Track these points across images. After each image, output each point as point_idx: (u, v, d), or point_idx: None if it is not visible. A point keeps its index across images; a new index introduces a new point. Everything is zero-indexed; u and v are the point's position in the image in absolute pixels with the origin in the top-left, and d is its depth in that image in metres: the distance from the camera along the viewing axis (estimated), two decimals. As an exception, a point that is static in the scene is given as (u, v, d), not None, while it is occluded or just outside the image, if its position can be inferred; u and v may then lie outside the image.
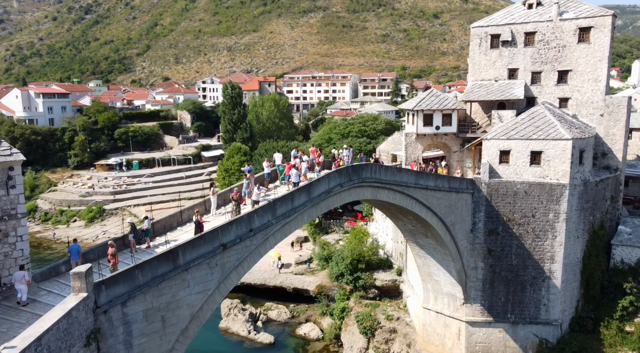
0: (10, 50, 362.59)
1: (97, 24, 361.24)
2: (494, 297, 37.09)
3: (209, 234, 20.12)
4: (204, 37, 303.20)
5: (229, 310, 51.32)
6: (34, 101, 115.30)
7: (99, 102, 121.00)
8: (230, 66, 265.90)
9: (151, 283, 18.27)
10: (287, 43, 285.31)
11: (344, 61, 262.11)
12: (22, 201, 18.09)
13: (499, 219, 36.04)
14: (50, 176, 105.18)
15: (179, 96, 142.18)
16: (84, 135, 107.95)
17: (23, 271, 17.53)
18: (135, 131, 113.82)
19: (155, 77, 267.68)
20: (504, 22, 42.39)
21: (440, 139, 43.27)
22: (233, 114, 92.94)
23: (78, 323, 15.55)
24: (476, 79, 44.00)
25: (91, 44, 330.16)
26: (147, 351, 18.51)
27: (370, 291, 47.52)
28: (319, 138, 66.19)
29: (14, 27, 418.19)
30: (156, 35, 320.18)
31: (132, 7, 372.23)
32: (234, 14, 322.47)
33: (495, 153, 36.67)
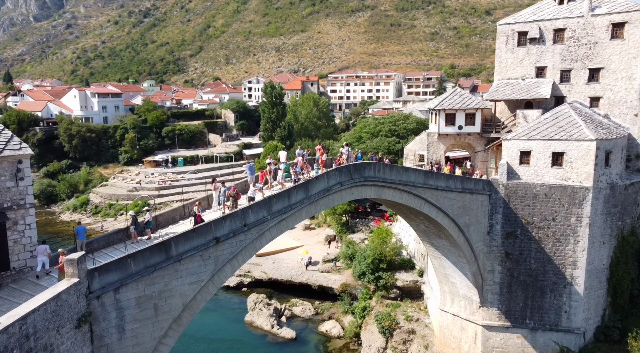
0: (76, 53, 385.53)
1: (155, 26, 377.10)
2: (512, 302, 36.14)
3: (201, 227, 21.13)
4: (253, 38, 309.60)
5: (255, 304, 52.64)
6: (90, 101, 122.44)
7: (149, 102, 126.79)
8: (278, 66, 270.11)
9: (143, 272, 19.45)
10: (334, 43, 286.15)
11: (391, 60, 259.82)
12: (30, 192, 19.72)
13: (517, 222, 35.08)
14: (102, 171, 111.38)
15: (224, 95, 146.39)
16: (134, 133, 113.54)
17: (45, 245, 19.93)
18: (182, 129, 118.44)
19: (207, 77, 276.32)
20: (532, 19, 41.11)
21: (463, 139, 42.54)
22: (272, 113, 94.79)
23: (68, 306, 16.90)
24: (502, 78, 42.91)
25: (148, 46, 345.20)
26: (139, 336, 19.73)
27: (391, 292, 47.41)
28: (349, 137, 66.48)
29: (81, 31, 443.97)
30: (208, 36, 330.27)
31: (187, 10, 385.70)
32: (283, 15, 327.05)
33: (515, 154, 35.72)
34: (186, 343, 46.75)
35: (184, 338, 47.65)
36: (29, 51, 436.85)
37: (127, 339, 19.37)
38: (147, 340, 19.93)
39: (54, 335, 16.12)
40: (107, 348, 18.88)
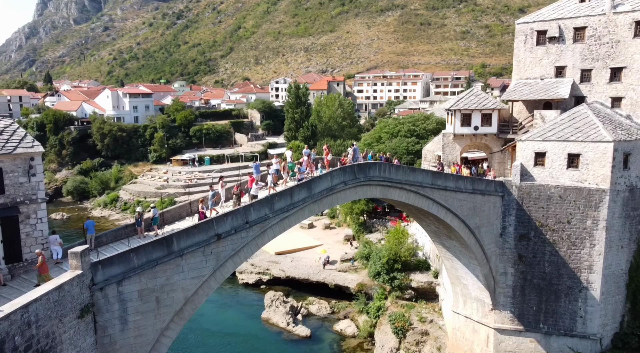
0: (112, 54, 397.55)
1: (187, 28, 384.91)
2: (525, 305, 35.54)
3: (203, 224, 21.78)
4: (282, 39, 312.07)
5: (272, 301, 53.33)
6: (122, 101, 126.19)
7: (178, 102, 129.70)
8: (307, 67, 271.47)
9: (145, 266, 20.23)
10: (363, 42, 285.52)
11: (420, 59, 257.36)
12: (42, 188, 20.82)
13: (530, 224, 34.49)
14: (132, 169, 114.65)
15: (251, 95, 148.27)
16: (163, 132, 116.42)
17: (55, 235, 21.46)
18: (209, 128, 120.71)
19: (236, 77, 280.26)
20: (551, 17, 40.26)
21: (479, 139, 42.05)
22: (296, 113, 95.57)
23: (71, 297, 17.79)
24: (521, 77, 42.17)
25: (181, 47, 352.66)
26: (141, 328, 20.52)
27: (406, 292, 47.26)
28: (369, 137, 66.45)
29: (117, 33, 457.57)
30: (239, 37, 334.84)
31: (219, 12, 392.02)
32: (312, 15, 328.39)
33: (529, 155, 35.11)
34: (202, 336, 47.99)
35: (199, 331, 49.08)
36: (69, 52, 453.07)
37: (129, 330, 20.18)
38: (149, 331, 20.69)
39: (56, 324, 17.01)
40: (110, 339, 19.73)
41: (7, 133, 20.45)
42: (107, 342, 19.65)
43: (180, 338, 47.79)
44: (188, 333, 48.84)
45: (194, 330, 49.31)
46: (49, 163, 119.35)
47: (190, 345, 46.66)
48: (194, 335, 48.58)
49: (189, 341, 47.45)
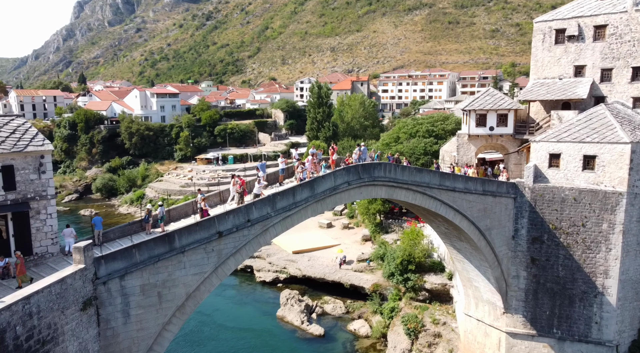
0: (144, 55, 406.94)
1: (216, 29, 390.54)
2: (538, 309, 34.85)
3: (205, 222, 22.27)
4: (309, 39, 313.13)
5: (287, 300, 53.79)
6: (149, 101, 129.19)
7: (203, 102, 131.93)
8: (333, 66, 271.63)
9: (147, 262, 20.83)
10: (390, 42, 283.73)
11: (448, 58, 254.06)
12: (51, 185, 21.69)
13: (544, 227, 33.80)
14: (158, 167, 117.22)
15: (276, 95, 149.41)
16: (188, 131, 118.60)
17: (70, 229, 22.55)
18: (233, 128, 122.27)
19: (263, 77, 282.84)
20: (570, 15, 39.31)
21: (495, 140, 41.42)
22: (317, 113, 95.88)
23: (73, 290, 18.50)
24: (538, 77, 41.33)
25: (209, 48, 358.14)
26: (144, 321, 21.15)
27: (420, 294, 46.95)
28: (388, 137, 66.12)
29: (149, 34, 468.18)
30: (266, 38, 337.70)
31: (247, 12, 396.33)
32: (339, 15, 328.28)
33: (544, 156, 34.41)
34: (217, 330, 49.11)
35: (214, 325, 50.14)
36: (103, 53, 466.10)
37: (132, 324, 20.83)
38: (151, 325, 21.30)
39: (58, 315, 17.74)
40: (112, 331, 20.41)
41: (19, 132, 21.40)
42: (110, 335, 20.33)
43: (195, 331, 49.09)
44: (203, 327, 49.94)
45: (209, 324, 50.34)
46: (79, 160, 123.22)
47: (205, 338, 47.63)
48: (208, 328, 49.58)
49: (203, 334, 48.46)
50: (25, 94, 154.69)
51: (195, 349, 45.90)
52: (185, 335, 48.06)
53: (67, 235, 22.12)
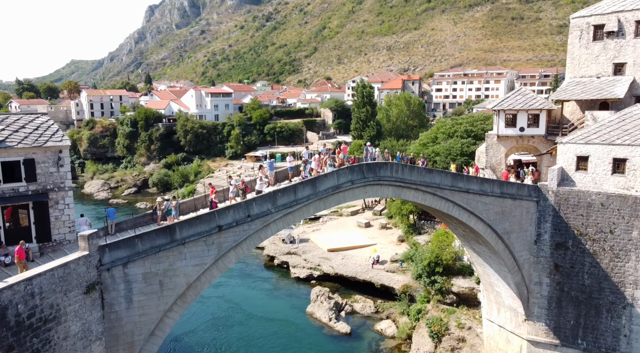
0: (206, 56, 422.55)
1: (275, 30, 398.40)
2: (562, 318, 33.35)
3: (205, 215, 23.40)
4: (366, 38, 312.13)
5: (317, 296, 54.52)
6: (204, 100, 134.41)
7: (255, 101, 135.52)
8: (388, 65, 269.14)
9: (149, 252, 22.22)
10: (448, 39, 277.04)
11: (509, 56, 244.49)
12: (69, 177, 23.63)
13: (568, 233, 32.29)
14: (210, 164, 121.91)
15: (326, 94, 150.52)
16: (239, 130, 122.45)
17: (84, 218, 24.44)
18: (282, 127, 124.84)
19: (319, 77, 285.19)
20: (610, 10, 37.15)
21: (526, 141, 39.91)
22: (362, 112, 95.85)
23: (77, 274, 20.14)
24: (575, 76, 39.39)
25: (268, 48, 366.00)
26: (145, 308, 22.58)
27: (447, 297, 46.14)
28: (425, 137, 65.03)
29: (212, 36, 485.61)
30: (323, 37, 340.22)
31: (305, 13, 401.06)
32: (397, 13, 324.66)
33: (571, 159, 32.86)
34: (246, 318, 51.49)
35: (244, 313, 52.61)
36: (170, 55, 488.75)
37: (134, 309, 22.32)
38: (152, 311, 22.70)
39: (61, 297, 19.41)
40: (116, 315, 21.97)
41: (42, 129, 23.52)
42: (113, 318, 21.91)
43: (225, 316, 52.09)
44: (234, 313, 52.77)
45: (239, 311, 53.07)
46: (139, 156, 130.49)
47: (234, 323, 50.52)
48: (239, 315, 52.22)
49: (233, 318, 51.43)
50: (95, 93, 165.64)
51: (223, 331, 48.71)
52: (215, 319, 51.28)
53: (82, 224, 24.01)
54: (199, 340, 47.83)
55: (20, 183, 22.52)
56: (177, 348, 46.69)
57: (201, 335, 48.66)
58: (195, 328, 50.06)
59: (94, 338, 21.21)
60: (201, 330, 49.65)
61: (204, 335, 48.71)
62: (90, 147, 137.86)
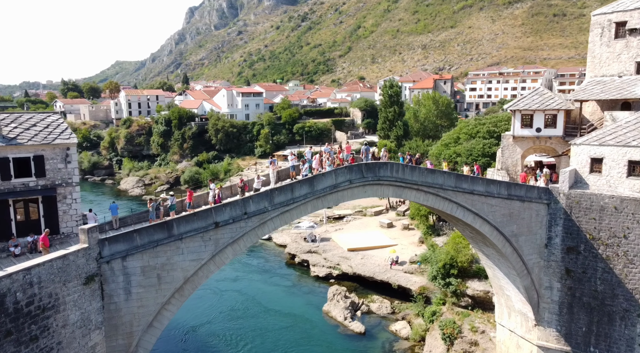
0: (243, 56, 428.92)
1: (310, 29, 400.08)
2: (573, 324, 32.35)
3: (202, 212, 24.08)
4: (400, 37, 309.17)
5: (333, 295, 54.77)
6: (235, 99, 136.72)
7: (285, 100, 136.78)
8: (423, 64, 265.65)
9: (147, 246, 23.09)
10: (486, 38, 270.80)
11: (550, 54, 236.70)
12: (76, 173, 24.79)
13: (580, 237, 31.28)
14: (240, 162, 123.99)
15: (356, 94, 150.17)
16: (269, 129, 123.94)
17: (92, 213, 25.42)
18: (311, 126, 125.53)
19: (352, 76, 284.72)
20: (633, 6, 35.70)
21: (543, 142, 38.83)
22: (389, 112, 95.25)
23: (76, 266, 21.18)
24: (596, 75, 38.04)
25: (303, 48, 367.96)
26: (144, 300, 23.47)
27: (462, 300, 45.47)
28: (447, 137, 63.99)
29: (249, 36, 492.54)
30: (358, 37, 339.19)
31: (340, 12, 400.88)
32: (433, 12, 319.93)
33: (585, 161, 31.83)
34: (261, 311, 52.84)
35: (260, 307, 53.84)
36: (208, 55, 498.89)
37: (133, 301, 23.23)
38: (150, 304, 23.57)
39: (60, 287, 20.47)
40: (115, 306, 22.94)
41: (51, 127, 24.79)
42: (113, 308, 22.89)
43: (240, 308, 53.80)
44: (251, 306, 54.30)
45: (256, 305, 54.40)
46: (172, 154, 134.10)
47: (249, 315, 52.14)
48: (255, 309, 53.80)
49: (249, 311, 52.94)
50: (132, 93, 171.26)
51: (238, 323, 50.42)
52: (232, 311, 53.06)
53: (89, 218, 25.16)
54: (214, 330, 49.31)
55: (31, 178, 23.83)
56: (193, 338, 48.23)
57: (217, 326, 50.15)
58: (212, 319, 51.55)
59: (94, 328, 22.22)
60: (218, 321, 51.16)
61: (219, 325, 50.21)
62: (127, 145, 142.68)
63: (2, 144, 22.82)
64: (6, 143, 22.96)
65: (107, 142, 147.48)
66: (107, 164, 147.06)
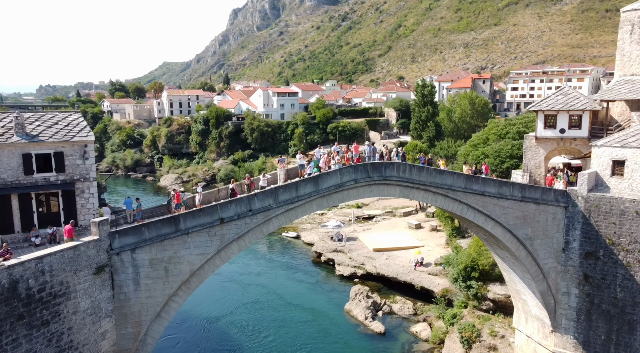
0: (283, 56, 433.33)
1: (350, 29, 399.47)
2: (592, 332, 31.24)
3: (207, 208, 24.94)
4: (442, 35, 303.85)
5: (355, 295, 54.89)
6: (271, 99, 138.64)
7: (320, 100, 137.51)
8: (464, 63, 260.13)
9: (155, 239, 24.16)
10: (531, 35, 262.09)
11: (600, 51, 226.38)
12: (93, 169, 26.19)
13: (599, 242, 30.18)
14: (274, 161, 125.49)
15: (392, 94, 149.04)
16: (302, 128, 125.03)
17: (107, 208, 26.77)
18: (344, 126, 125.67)
19: (391, 76, 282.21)
20: (665, 1, 34.05)
21: (567, 144, 37.58)
22: (422, 112, 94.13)
23: (87, 256, 22.44)
24: (625, 73, 36.51)
25: (343, 48, 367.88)
26: (152, 291, 24.57)
27: (484, 303, 44.66)
28: (476, 138, 62.59)
29: (290, 37, 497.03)
30: (398, 36, 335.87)
31: (381, 12, 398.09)
32: (477, 9, 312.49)
33: (606, 163, 30.66)
34: (283, 306, 54.18)
35: (282, 301, 55.12)
36: (249, 56, 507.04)
37: (141, 291, 24.37)
38: (158, 295, 24.64)
39: (70, 275, 21.78)
40: (125, 296, 24.14)
41: (72, 125, 26.31)
42: (122, 298, 24.10)
43: (264, 301, 55.37)
44: (275, 300, 55.75)
45: (278, 299, 55.79)
46: (209, 153, 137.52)
47: (271, 307, 53.80)
48: (277, 302, 54.98)
49: (272, 304, 54.52)
50: (174, 93, 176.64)
51: (258, 313, 52.33)
52: (254, 303, 54.90)
53: (105, 212, 26.53)
54: (237, 320, 51.00)
55: (51, 173, 25.39)
56: (216, 326, 50.00)
57: (240, 316, 51.81)
58: (235, 310, 53.40)
59: (104, 315, 23.47)
60: (241, 312, 52.92)
61: (242, 316, 51.89)
62: (168, 143, 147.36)
63: (25, 141, 24.45)
64: (29, 140, 24.57)
65: (149, 140, 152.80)
66: (149, 161, 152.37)
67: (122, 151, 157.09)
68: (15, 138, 24.39)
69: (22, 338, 19.89)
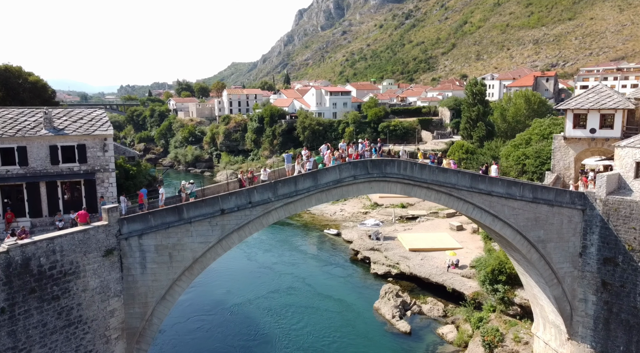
0: (345, 56, 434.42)
1: (414, 27, 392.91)
2: (610, 342, 29.58)
3: (209, 199, 26.39)
4: (510, 31, 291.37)
5: (385, 293, 54.85)
6: (324, 98, 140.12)
7: (372, 99, 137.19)
8: (533, 61, 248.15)
9: (160, 227, 25.95)
10: (610, 29, 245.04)
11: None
12: (112, 161, 28.50)
13: (618, 247, 28.51)
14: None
15: (448, 93, 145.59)
16: (353, 127, 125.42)
17: (123, 197, 28.62)
18: (396, 125, 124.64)
19: (454, 74, 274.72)
20: None
21: (599, 144, 35.62)
22: (472, 112, 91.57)
23: (96, 240, 24.56)
24: (664, 68, 33.94)
25: (405, 47, 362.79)
26: (157, 274, 26.41)
27: (511, 308, 43.25)
28: (519, 138, 59.95)
29: (353, 36, 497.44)
30: (463, 33, 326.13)
31: (446, 8, 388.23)
32: (549, 3, 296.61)
33: (630, 165, 28.89)
34: (313, 295, 56.03)
35: (313, 291, 57.11)
36: (312, 56, 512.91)
37: (147, 274, 26.27)
38: (163, 279, 26.44)
39: (80, 256, 23.96)
40: (132, 278, 26.14)
41: (94, 120, 28.79)
42: (130, 280, 26.11)
43: (294, 287, 58.07)
44: (307, 289, 57.64)
45: (310, 290, 57.61)
46: (263, 150, 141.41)
47: (301, 295, 56.17)
48: (309, 293, 56.76)
49: (302, 292, 56.81)
50: (233, 92, 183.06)
51: (289, 298, 55.08)
52: (287, 289, 57.54)
53: (122, 201, 28.66)
54: (267, 305, 53.63)
55: (75, 164, 27.97)
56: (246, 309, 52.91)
57: (271, 301, 54.39)
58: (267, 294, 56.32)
59: (112, 295, 25.56)
60: (272, 297, 55.59)
61: (273, 301, 54.49)
62: (225, 140, 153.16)
63: (52, 134, 27.13)
64: (55, 133, 27.24)
65: (208, 137, 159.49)
66: (208, 157, 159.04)
67: (184, 147, 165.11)
68: (44, 131, 27.13)
69: (34, 310, 22.23)
